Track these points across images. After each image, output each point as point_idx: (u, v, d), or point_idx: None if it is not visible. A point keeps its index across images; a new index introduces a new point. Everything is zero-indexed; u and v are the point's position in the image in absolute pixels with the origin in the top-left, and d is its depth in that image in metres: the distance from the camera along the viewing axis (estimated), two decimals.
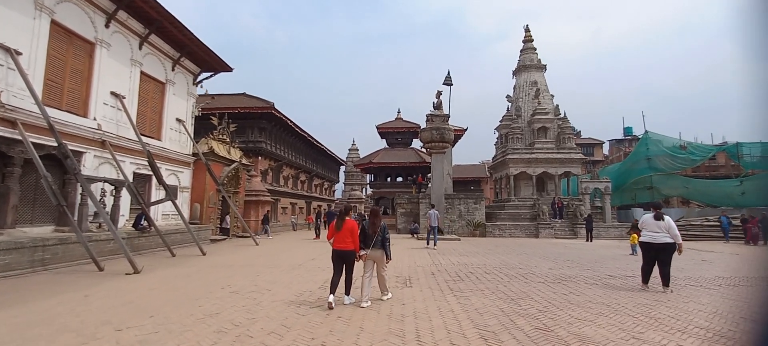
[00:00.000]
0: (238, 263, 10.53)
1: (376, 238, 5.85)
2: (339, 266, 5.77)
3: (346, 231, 5.74)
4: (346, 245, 5.73)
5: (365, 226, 6.06)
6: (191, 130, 18.06)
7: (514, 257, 12.12)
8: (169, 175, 16.33)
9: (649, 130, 25.86)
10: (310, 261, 10.82)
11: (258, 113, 25.76)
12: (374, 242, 5.84)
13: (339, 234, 5.75)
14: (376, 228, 5.91)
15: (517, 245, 16.47)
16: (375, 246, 5.83)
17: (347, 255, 5.76)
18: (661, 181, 24.69)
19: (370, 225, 5.97)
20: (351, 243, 5.74)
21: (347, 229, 5.75)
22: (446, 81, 20.07)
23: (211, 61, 18.00)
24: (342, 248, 5.73)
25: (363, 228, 6.04)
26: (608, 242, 20.32)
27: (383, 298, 6.01)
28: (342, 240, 5.73)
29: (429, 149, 19.74)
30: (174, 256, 11.97)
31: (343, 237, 5.73)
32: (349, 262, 5.83)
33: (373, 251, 5.83)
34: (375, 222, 5.96)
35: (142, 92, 14.82)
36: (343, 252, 5.73)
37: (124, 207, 13.43)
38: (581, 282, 7.63)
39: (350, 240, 5.74)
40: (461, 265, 9.99)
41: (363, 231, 5.97)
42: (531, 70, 27.73)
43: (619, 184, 25.12)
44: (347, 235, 5.74)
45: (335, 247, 5.78)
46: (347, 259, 5.78)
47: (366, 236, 5.93)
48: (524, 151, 25.60)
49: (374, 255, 5.87)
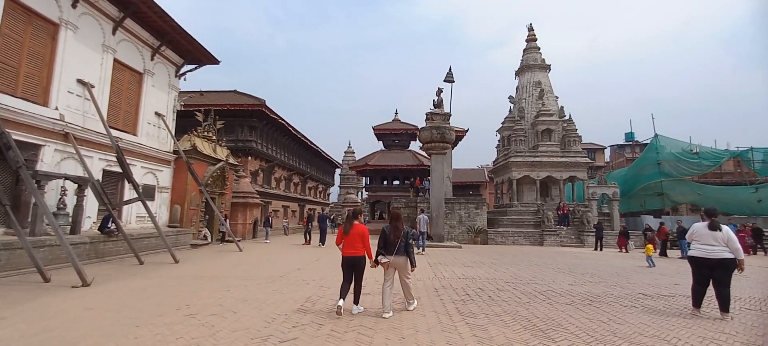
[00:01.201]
0: (211, 273, 9.18)
1: (399, 243, 5.43)
2: (349, 273, 5.47)
3: (356, 236, 5.42)
4: (356, 250, 5.41)
5: (386, 230, 5.56)
6: (172, 125, 16.71)
7: (525, 268, 10.85)
8: (145, 173, 14.97)
9: (659, 134, 24.78)
10: (295, 272, 9.49)
11: (248, 111, 24.43)
12: (397, 248, 5.41)
13: (347, 239, 5.44)
14: (399, 232, 5.48)
15: (524, 254, 15.20)
16: (398, 252, 5.42)
17: (357, 262, 5.43)
18: (671, 187, 23.56)
19: (392, 229, 5.52)
20: (361, 248, 5.43)
21: (356, 233, 5.43)
22: (447, 78, 18.85)
23: (195, 52, 16.70)
24: (352, 254, 5.41)
25: (384, 233, 5.56)
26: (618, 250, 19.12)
27: (409, 307, 5.62)
28: (351, 245, 5.42)
29: (428, 150, 18.49)
30: (142, 264, 10.61)
31: (352, 242, 5.41)
32: (359, 269, 5.48)
33: (396, 257, 5.42)
34: (397, 226, 5.53)
35: (116, 82, 13.48)
36: (353, 258, 5.42)
37: (91, 208, 12.06)
38: (615, 304, 6.36)
39: (360, 245, 5.43)
40: (468, 279, 8.69)
41: (384, 236, 5.53)
42: (535, 69, 26.59)
43: (626, 189, 23.97)
44: (357, 240, 5.42)
45: (345, 253, 5.48)
46: (357, 266, 5.45)
47: (387, 242, 5.49)
48: (528, 154, 24.40)
49: (397, 262, 5.46)
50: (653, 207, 24.06)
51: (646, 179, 24.58)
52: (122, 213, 13.91)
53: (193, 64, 17.62)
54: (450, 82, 18.99)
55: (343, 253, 5.52)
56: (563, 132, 25.13)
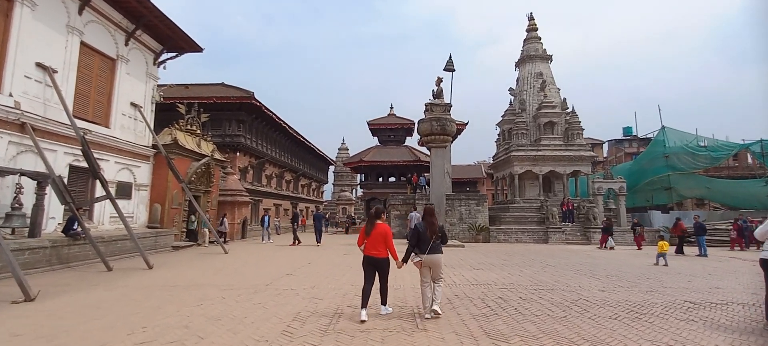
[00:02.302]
0: (186, 281, 7.96)
1: (433, 241, 5.09)
2: (370, 273, 5.21)
3: (378, 236, 5.17)
4: (379, 251, 5.14)
5: (420, 227, 5.20)
6: (151, 117, 15.39)
7: (540, 270, 9.79)
8: (120, 169, 13.67)
9: (665, 126, 23.90)
10: (284, 278, 8.31)
11: (236, 104, 23.09)
12: (432, 246, 5.08)
13: (370, 239, 5.19)
14: (435, 229, 5.15)
15: (532, 253, 14.17)
16: (433, 250, 5.11)
17: (380, 263, 5.16)
18: (679, 181, 22.68)
19: (428, 226, 5.17)
20: (384, 249, 5.16)
21: (379, 233, 5.17)
22: (447, 66, 17.74)
23: (175, 37, 15.37)
24: (374, 254, 5.15)
25: (417, 230, 5.21)
26: (627, 247, 18.25)
27: (434, 306, 5.12)
28: (373, 246, 5.17)
29: (428, 143, 17.39)
30: (110, 270, 9.36)
31: (374, 242, 5.17)
32: (383, 270, 5.22)
33: (430, 255, 5.09)
34: (433, 222, 5.20)
35: (84, 68, 12.15)
36: (375, 259, 5.15)
37: (56, 208, 10.76)
38: (667, 317, 5.30)
39: (383, 246, 5.16)
40: (482, 285, 7.60)
41: (417, 233, 5.19)
42: (536, 60, 25.56)
43: (631, 184, 23.06)
44: (379, 240, 5.17)
45: (366, 253, 5.22)
46: (380, 267, 5.19)
47: (421, 239, 5.14)
48: (530, 148, 23.38)
49: (432, 260, 5.12)
50: (660, 202, 23.21)
51: (653, 173, 23.71)
52: (93, 213, 12.63)
53: (174, 52, 16.28)
54: (450, 71, 17.89)
55: (365, 253, 5.24)
56: (566, 125, 24.17)
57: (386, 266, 5.20)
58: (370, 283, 5.18)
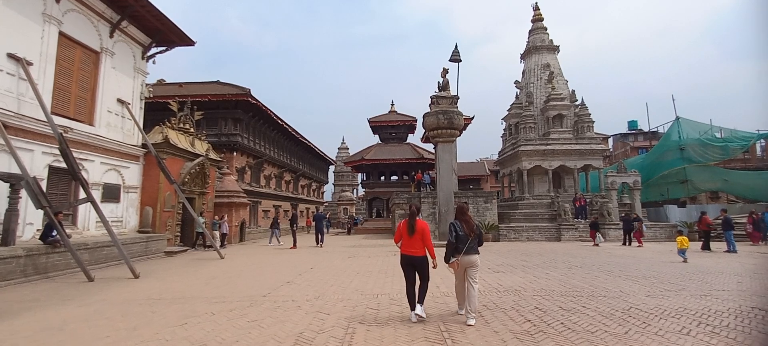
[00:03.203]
0: (173, 293, 7.03)
1: (470, 240, 4.88)
2: (411, 273, 5.09)
3: (417, 234, 5.02)
4: (418, 250, 5.02)
5: (456, 226, 4.96)
6: (140, 114, 14.45)
7: (567, 272, 8.87)
8: (107, 170, 12.73)
9: (680, 117, 22.97)
10: (283, 287, 7.39)
11: (232, 102, 22.13)
12: (468, 246, 4.86)
13: (411, 239, 5.03)
14: (471, 227, 4.96)
15: (549, 252, 13.27)
16: (470, 251, 4.88)
17: (419, 262, 5.01)
18: (695, 173, 21.73)
19: (463, 224, 4.96)
20: (422, 248, 5.03)
21: (417, 232, 5.02)
22: (454, 56, 16.81)
23: (165, 30, 14.44)
24: (413, 253, 5.02)
25: (454, 228, 4.95)
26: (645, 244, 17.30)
27: (468, 321, 4.73)
28: (412, 244, 5.03)
29: (434, 138, 16.45)
30: (91, 280, 8.44)
31: (414, 241, 5.03)
32: (423, 269, 5.04)
33: (467, 256, 4.88)
34: (469, 221, 5.01)
35: (64, 60, 11.22)
36: (413, 258, 5.02)
37: (33, 213, 9.79)
38: (750, 331, 4.38)
39: (421, 244, 5.03)
40: (510, 291, 6.68)
41: (454, 233, 4.92)
42: (542, 51, 24.62)
43: (644, 178, 22.10)
44: (419, 239, 5.03)
45: (404, 252, 5.10)
46: (420, 266, 5.03)
47: (458, 238, 4.92)
48: (538, 142, 22.43)
49: (469, 261, 4.90)
50: (677, 196, 22.28)
51: (667, 165, 22.76)
52: (78, 218, 11.69)
53: (164, 46, 15.35)
54: (457, 62, 16.95)
55: (403, 251, 5.08)
56: (575, 117, 23.24)
57: (426, 263, 5.02)
58: (412, 284, 5.03)
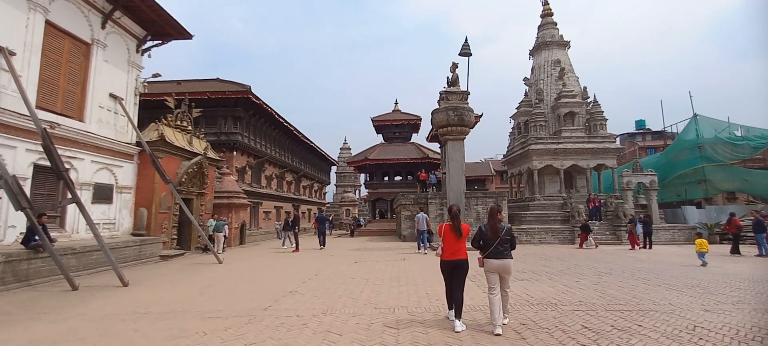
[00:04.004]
0: (162, 305, 6.24)
1: (499, 244, 4.62)
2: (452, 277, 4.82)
3: (465, 237, 4.89)
4: (463, 253, 4.83)
5: (483, 229, 4.83)
6: (134, 110, 13.71)
7: (599, 280, 8.08)
8: (98, 169, 11.98)
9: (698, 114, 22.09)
10: (286, 298, 6.60)
11: (232, 99, 21.39)
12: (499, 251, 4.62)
13: (458, 242, 4.82)
14: (497, 231, 4.68)
15: (568, 257, 12.46)
16: (500, 255, 4.63)
17: (461, 264, 4.79)
18: (714, 173, 20.86)
19: (490, 227, 4.75)
20: (465, 250, 4.86)
21: (465, 235, 4.90)
22: (463, 50, 16.02)
23: (161, 22, 13.71)
24: (459, 257, 4.80)
25: (481, 231, 4.83)
26: (662, 247, 16.51)
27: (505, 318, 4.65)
28: (458, 248, 4.82)
29: (444, 135, 15.66)
30: (75, 289, 7.67)
31: (461, 245, 4.84)
32: (462, 273, 4.80)
33: (499, 260, 4.63)
34: (495, 224, 4.72)
35: (51, 51, 10.47)
36: (457, 262, 4.78)
37: (16, 215, 9.02)
38: None
39: (464, 247, 4.87)
40: (544, 304, 5.89)
41: (480, 235, 4.81)
42: (552, 47, 23.80)
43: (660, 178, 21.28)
44: (463, 241, 4.87)
45: (448, 258, 4.82)
46: (461, 268, 4.79)
47: (486, 241, 4.73)
48: (550, 140, 21.60)
49: (502, 266, 4.64)
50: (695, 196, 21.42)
51: (684, 165, 21.89)
52: (66, 220, 10.94)
53: (160, 39, 14.61)
54: (467, 56, 16.15)
55: (446, 257, 4.88)
56: (587, 115, 22.42)
57: (466, 267, 4.87)
58: (451, 287, 4.86)
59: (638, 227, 15.99)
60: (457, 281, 4.76)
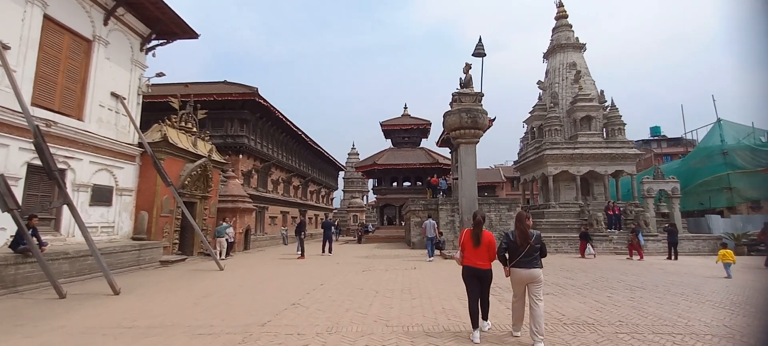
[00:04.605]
0: (150, 318, 5.65)
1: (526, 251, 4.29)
2: (475, 286, 4.61)
3: (483, 245, 4.59)
4: (484, 262, 4.58)
5: (510, 235, 4.47)
6: (137, 111, 13.30)
7: (630, 294, 7.33)
8: (97, 170, 11.53)
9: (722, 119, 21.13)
10: (288, 311, 5.97)
11: (238, 101, 20.99)
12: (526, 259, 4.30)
13: (476, 250, 4.60)
14: (526, 237, 4.34)
15: (591, 268, 11.67)
16: (528, 264, 4.31)
17: (484, 275, 4.60)
18: (739, 180, 19.86)
19: (518, 233, 4.39)
20: (488, 260, 4.61)
21: (484, 243, 4.60)
22: (477, 50, 15.38)
23: (166, 20, 13.33)
24: (479, 265, 4.57)
25: (508, 237, 4.46)
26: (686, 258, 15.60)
27: (536, 343, 4.12)
28: (478, 256, 4.60)
29: (456, 138, 14.99)
30: (62, 297, 7.14)
31: (480, 253, 4.59)
32: (486, 282, 4.65)
33: (526, 270, 4.32)
34: (524, 229, 4.37)
35: (48, 47, 10.08)
36: (479, 270, 4.58)
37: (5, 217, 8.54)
38: None
39: (487, 256, 4.61)
40: (576, 323, 5.21)
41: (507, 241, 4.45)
42: (568, 50, 23.05)
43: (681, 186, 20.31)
44: (485, 250, 4.59)
45: (468, 263, 4.65)
46: (484, 279, 4.62)
47: (513, 248, 4.40)
48: (566, 146, 20.78)
49: (530, 276, 4.32)
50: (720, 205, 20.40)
51: (708, 172, 20.89)
52: (61, 223, 10.47)
53: (164, 38, 14.24)
54: (481, 56, 15.50)
55: (466, 263, 4.70)
56: (605, 120, 21.58)
57: (490, 277, 4.67)
58: (476, 300, 4.59)
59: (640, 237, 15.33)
60: (482, 290, 4.64)
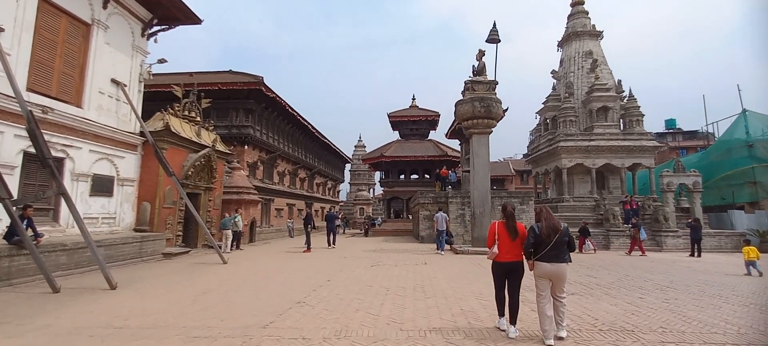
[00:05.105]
0: (142, 317, 5.22)
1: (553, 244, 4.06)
2: (504, 281, 4.45)
3: (520, 239, 4.39)
4: (516, 254, 4.38)
5: (536, 229, 4.19)
6: (138, 98, 12.89)
7: (662, 295, 6.78)
8: (97, 159, 11.15)
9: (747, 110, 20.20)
10: (292, 310, 5.51)
11: (244, 91, 20.51)
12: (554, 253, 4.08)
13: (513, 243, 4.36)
14: (556, 229, 4.10)
15: (612, 265, 11.10)
16: (555, 258, 4.09)
17: (517, 267, 4.38)
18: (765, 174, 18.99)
19: (546, 226, 4.14)
20: (520, 252, 4.37)
21: (521, 236, 4.40)
22: (491, 36, 14.70)
23: (167, 4, 12.85)
24: (515, 259, 4.37)
25: (534, 232, 4.20)
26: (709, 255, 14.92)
27: (559, 332, 4.12)
28: (513, 250, 4.37)
29: (469, 128, 14.37)
30: (56, 291, 6.77)
31: (516, 246, 4.37)
32: (518, 276, 4.39)
33: (553, 265, 4.08)
34: (553, 222, 4.16)
35: (46, 30, 9.65)
36: (512, 264, 4.37)
37: None
38: None
39: (520, 249, 4.36)
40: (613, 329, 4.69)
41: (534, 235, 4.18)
42: (583, 37, 22.18)
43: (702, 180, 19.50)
44: (520, 243, 4.37)
45: (503, 259, 4.39)
46: (516, 271, 4.38)
47: (539, 242, 4.15)
48: (581, 137, 20.03)
49: (556, 272, 4.10)
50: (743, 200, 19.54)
51: (731, 165, 20.01)
52: (60, 214, 10.12)
53: (166, 23, 13.77)
54: (495, 42, 14.82)
55: (501, 259, 4.39)
56: (622, 111, 20.77)
57: (522, 270, 4.44)
58: (502, 289, 4.49)
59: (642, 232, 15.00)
60: (512, 285, 4.38)
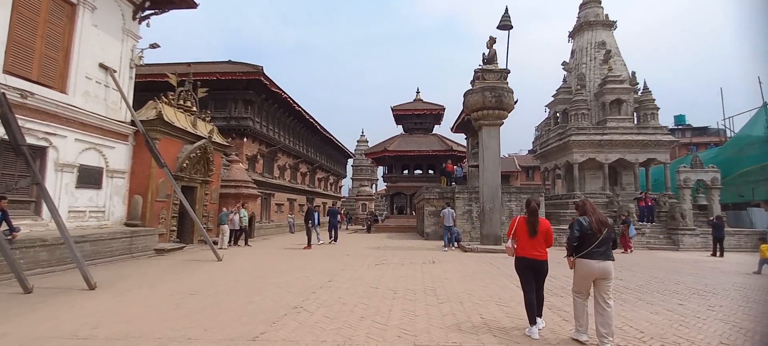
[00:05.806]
0: (114, 326, 4.53)
1: (601, 239, 3.73)
2: (531, 278, 4.17)
3: (542, 235, 4.14)
4: (541, 252, 4.15)
5: (584, 223, 3.83)
6: (129, 86, 12.18)
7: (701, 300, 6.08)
8: (84, 149, 10.45)
9: None
10: (288, 317, 4.81)
11: (243, 81, 19.80)
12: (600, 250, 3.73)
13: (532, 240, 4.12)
14: (606, 224, 3.83)
15: (634, 266, 10.38)
16: (603, 255, 3.74)
17: (542, 265, 4.17)
18: None
19: (595, 220, 3.81)
20: (545, 250, 4.18)
21: (543, 233, 4.14)
22: (503, 22, 13.88)
23: None
24: (536, 256, 4.13)
25: (580, 224, 3.84)
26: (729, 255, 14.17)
27: (604, 341, 3.63)
28: (534, 246, 4.14)
29: (479, 120, 13.61)
30: (28, 292, 6.10)
31: (537, 242, 4.14)
32: (543, 275, 4.23)
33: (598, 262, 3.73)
34: (601, 216, 3.89)
35: (25, 8, 8.92)
36: (537, 262, 4.14)
37: None
38: None
39: (544, 246, 4.18)
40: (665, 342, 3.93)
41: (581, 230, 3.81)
42: (596, 27, 21.28)
43: None
44: (542, 240, 4.15)
45: (522, 254, 4.18)
46: (541, 270, 4.19)
47: (587, 237, 3.78)
48: (593, 131, 19.20)
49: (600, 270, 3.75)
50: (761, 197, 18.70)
51: (750, 161, 19.15)
52: (42, 206, 9.43)
53: (159, 7, 12.99)
54: (507, 29, 14.01)
55: (521, 254, 4.20)
56: (636, 104, 19.92)
57: (546, 269, 4.21)
58: (532, 292, 4.11)
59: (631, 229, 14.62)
60: (538, 283, 4.21)
